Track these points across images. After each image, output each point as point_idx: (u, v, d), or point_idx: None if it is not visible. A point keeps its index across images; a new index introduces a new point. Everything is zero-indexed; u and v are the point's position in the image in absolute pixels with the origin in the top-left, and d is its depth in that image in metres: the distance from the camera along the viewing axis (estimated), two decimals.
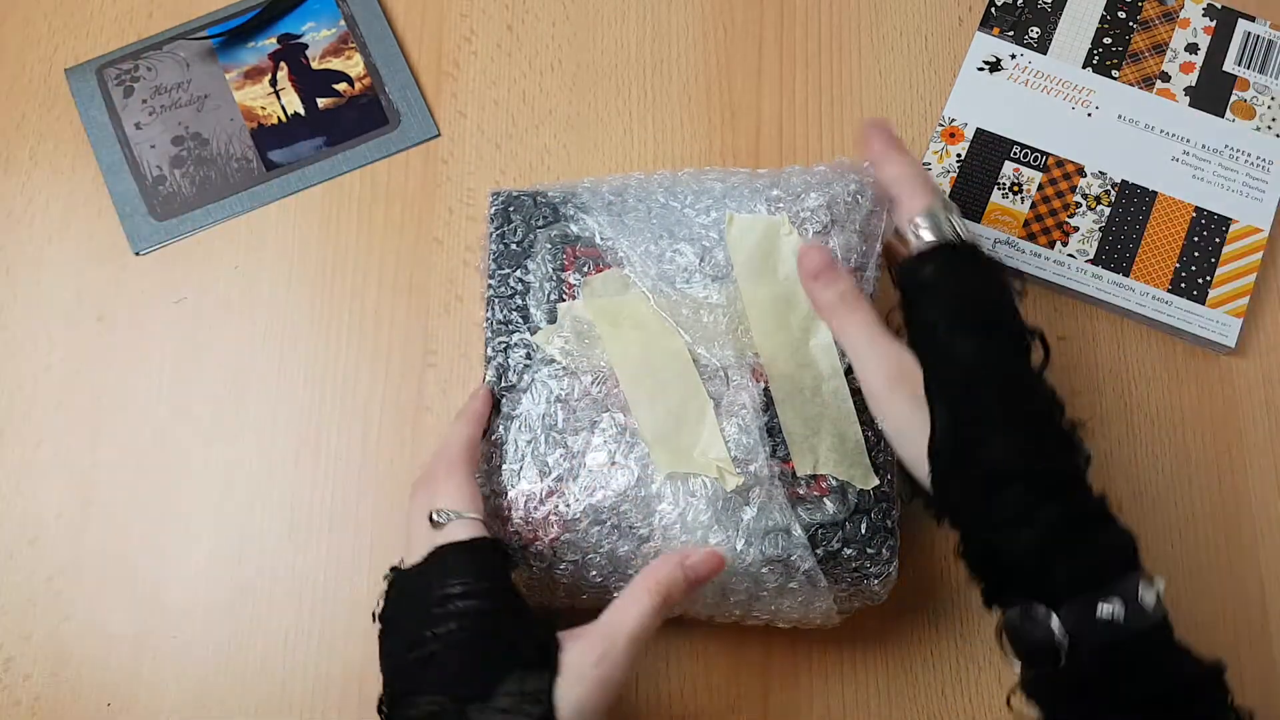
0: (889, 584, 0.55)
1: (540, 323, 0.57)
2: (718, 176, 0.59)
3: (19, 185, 0.69)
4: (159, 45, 0.72)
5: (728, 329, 0.55)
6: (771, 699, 0.60)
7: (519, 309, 0.57)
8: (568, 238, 0.58)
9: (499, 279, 0.58)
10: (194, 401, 0.65)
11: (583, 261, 0.58)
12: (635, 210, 0.58)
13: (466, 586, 0.47)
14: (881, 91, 0.72)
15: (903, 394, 0.49)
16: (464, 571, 0.48)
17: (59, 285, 0.67)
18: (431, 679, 0.46)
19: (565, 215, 0.58)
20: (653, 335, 0.56)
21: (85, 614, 0.61)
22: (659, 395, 0.54)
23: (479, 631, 0.47)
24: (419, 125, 0.71)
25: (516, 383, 0.56)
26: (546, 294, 0.57)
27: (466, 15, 0.73)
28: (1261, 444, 0.65)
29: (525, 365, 0.56)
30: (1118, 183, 0.69)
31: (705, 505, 0.53)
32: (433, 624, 0.47)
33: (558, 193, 0.59)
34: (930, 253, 0.51)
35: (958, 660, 0.61)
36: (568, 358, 0.56)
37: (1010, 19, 0.73)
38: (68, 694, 0.60)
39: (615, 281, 0.57)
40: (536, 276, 0.58)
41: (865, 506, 0.54)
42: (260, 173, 0.69)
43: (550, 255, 0.58)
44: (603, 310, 0.56)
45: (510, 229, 0.59)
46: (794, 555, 0.52)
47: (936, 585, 0.62)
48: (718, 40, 0.73)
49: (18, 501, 0.63)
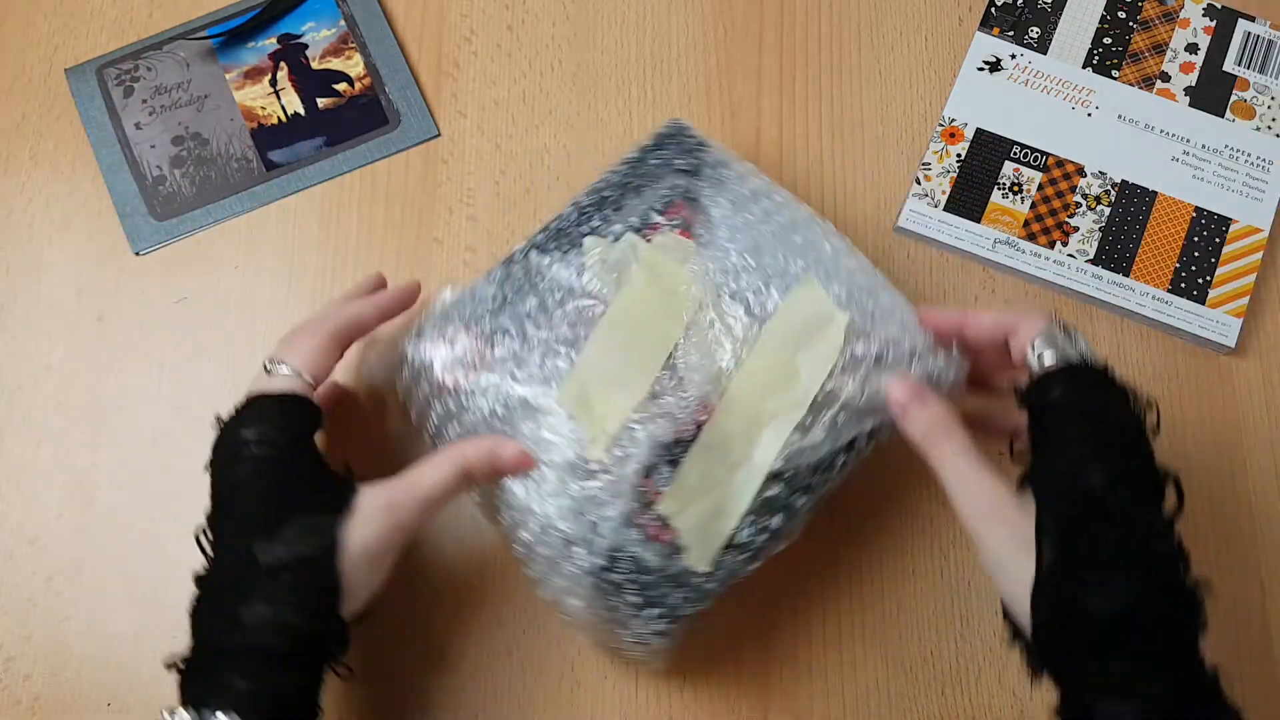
0: (641, 653, 0.54)
1: (608, 235, 0.58)
2: (841, 246, 0.58)
3: (19, 185, 0.69)
4: (159, 45, 0.72)
5: (720, 355, 0.54)
6: (771, 699, 0.60)
7: (607, 214, 0.58)
8: (688, 194, 0.59)
9: (614, 182, 0.59)
10: (194, 401, 0.65)
11: (678, 219, 0.58)
12: (754, 215, 0.58)
13: (263, 435, 0.50)
14: (881, 91, 0.72)
15: (1001, 529, 0.47)
16: (265, 421, 0.51)
17: (59, 285, 0.67)
18: (224, 520, 0.50)
19: (704, 175, 0.59)
20: (663, 308, 0.56)
21: (85, 614, 0.61)
22: (617, 351, 0.55)
23: (270, 477, 0.50)
24: (419, 125, 0.71)
25: (536, 274, 0.57)
26: (636, 219, 0.58)
27: (466, 15, 0.73)
28: (1261, 444, 0.65)
29: (556, 261, 0.57)
30: (1118, 183, 0.69)
31: (567, 447, 0.53)
32: (231, 467, 0.50)
33: (717, 156, 0.60)
34: (1057, 373, 0.48)
35: (958, 660, 0.61)
36: (589, 275, 0.56)
37: (1010, 19, 0.73)
38: (68, 694, 0.60)
39: (682, 251, 0.57)
40: (642, 200, 0.59)
41: (683, 582, 0.52)
42: (260, 173, 0.69)
43: (663, 196, 0.59)
44: (655, 264, 0.56)
45: (658, 154, 0.60)
46: (588, 548, 0.51)
47: (936, 585, 0.62)
48: (718, 40, 0.73)
49: (18, 501, 0.63)
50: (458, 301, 0.57)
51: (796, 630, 0.61)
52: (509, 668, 0.60)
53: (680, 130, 0.61)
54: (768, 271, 0.56)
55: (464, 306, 0.56)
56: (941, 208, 0.69)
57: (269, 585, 0.47)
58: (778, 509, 0.53)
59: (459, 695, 0.60)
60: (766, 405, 0.53)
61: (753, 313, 0.55)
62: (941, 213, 0.69)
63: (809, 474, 0.53)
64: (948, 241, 0.68)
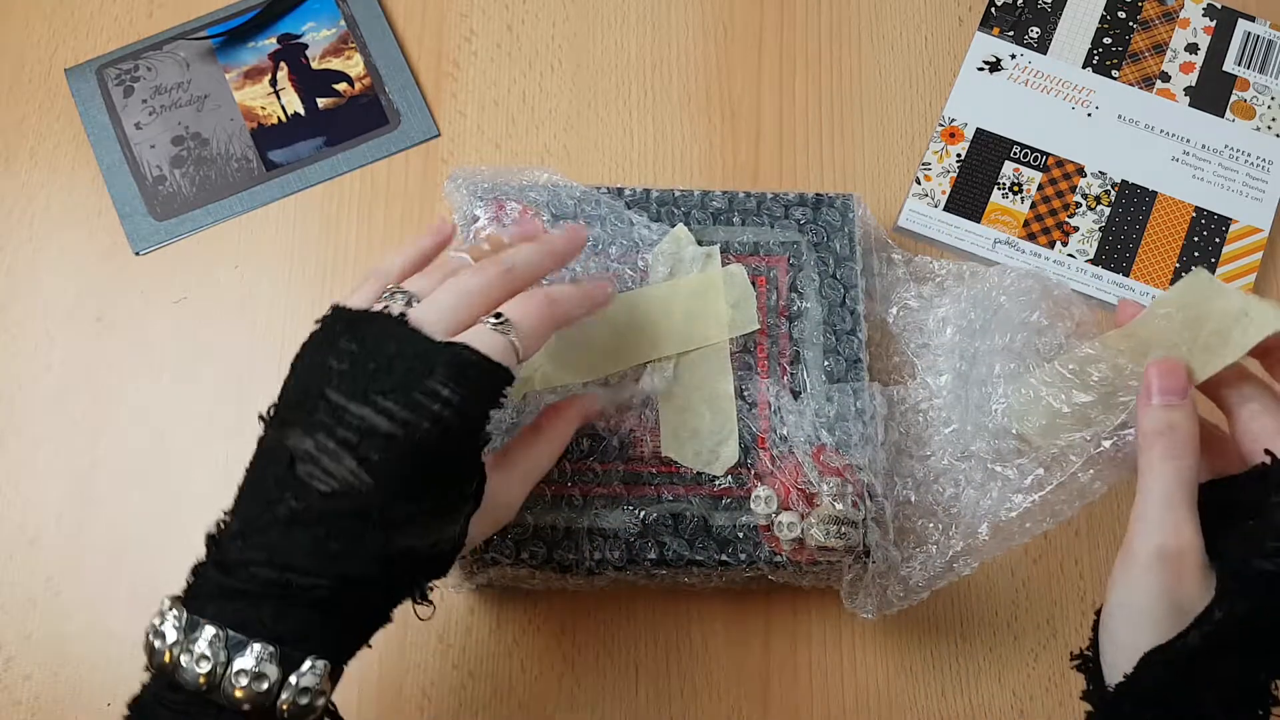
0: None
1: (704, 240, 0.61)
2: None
3: (19, 185, 0.69)
4: (159, 45, 0.72)
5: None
6: (771, 699, 0.60)
7: (719, 222, 0.62)
8: (793, 260, 0.61)
9: (748, 206, 0.62)
10: (194, 401, 0.65)
11: (766, 270, 0.61)
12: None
13: (463, 400, 0.42)
14: (881, 91, 0.72)
15: (1161, 579, 0.42)
16: (466, 385, 0.42)
17: (59, 285, 0.67)
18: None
19: (827, 249, 0.62)
20: (679, 323, 0.58)
21: (85, 614, 0.61)
22: (608, 327, 0.57)
23: (443, 446, 0.42)
24: (419, 125, 0.71)
25: (619, 218, 0.61)
26: (735, 243, 0.61)
27: (466, 15, 0.73)
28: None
29: (643, 223, 0.61)
30: (1118, 183, 0.69)
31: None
32: (414, 407, 0.41)
33: (852, 248, 0.61)
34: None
35: (958, 660, 0.61)
36: (655, 254, 0.59)
37: (1010, 19, 0.73)
38: (68, 694, 0.60)
39: (742, 292, 0.60)
40: (757, 233, 0.61)
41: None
42: (260, 173, 0.69)
43: (776, 243, 0.61)
44: (709, 284, 0.60)
45: (804, 210, 0.62)
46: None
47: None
48: (718, 40, 0.73)
49: (18, 501, 0.63)
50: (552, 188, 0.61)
51: (796, 630, 0.61)
52: (509, 667, 0.60)
53: (847, 206, 0.62)
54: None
55: (547, 193, 0.61)
56: (941, 208, 0.69)
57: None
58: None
59: (459, 694, 0.60)
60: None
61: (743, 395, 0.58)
62: (941, 213, 0.69)
63: None
64: (948, 241, 0.68)
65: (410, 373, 0.41)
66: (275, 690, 0.39)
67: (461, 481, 0.44)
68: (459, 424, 0.42)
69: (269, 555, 0.39)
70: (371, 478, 0.40)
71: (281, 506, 0.40)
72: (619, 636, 0.61)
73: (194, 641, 0.38)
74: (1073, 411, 0.51)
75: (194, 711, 0.39)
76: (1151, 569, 0.42)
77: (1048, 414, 0.52)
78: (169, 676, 0.39)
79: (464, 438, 0.43)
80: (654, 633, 0.61)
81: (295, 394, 0.43)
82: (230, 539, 0.41)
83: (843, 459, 0.55)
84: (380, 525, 0.40)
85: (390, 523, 0.41)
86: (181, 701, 0.39)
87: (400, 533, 0.41)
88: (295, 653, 0.39)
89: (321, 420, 0.41)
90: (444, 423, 0.41)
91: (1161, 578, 0.42)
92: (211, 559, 0.41)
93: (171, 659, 0.39)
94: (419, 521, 0.42)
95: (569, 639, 0.61)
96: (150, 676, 0.40)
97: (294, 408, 0.42)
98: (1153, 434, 0.45)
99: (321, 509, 0.40)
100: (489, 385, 0.43)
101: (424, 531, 0.42)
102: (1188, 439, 0.45)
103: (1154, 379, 0.46)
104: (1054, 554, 0.63)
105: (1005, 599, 0.62)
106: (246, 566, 0.39)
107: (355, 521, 0.40)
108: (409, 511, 0.41)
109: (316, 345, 0.43)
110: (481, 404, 0.43)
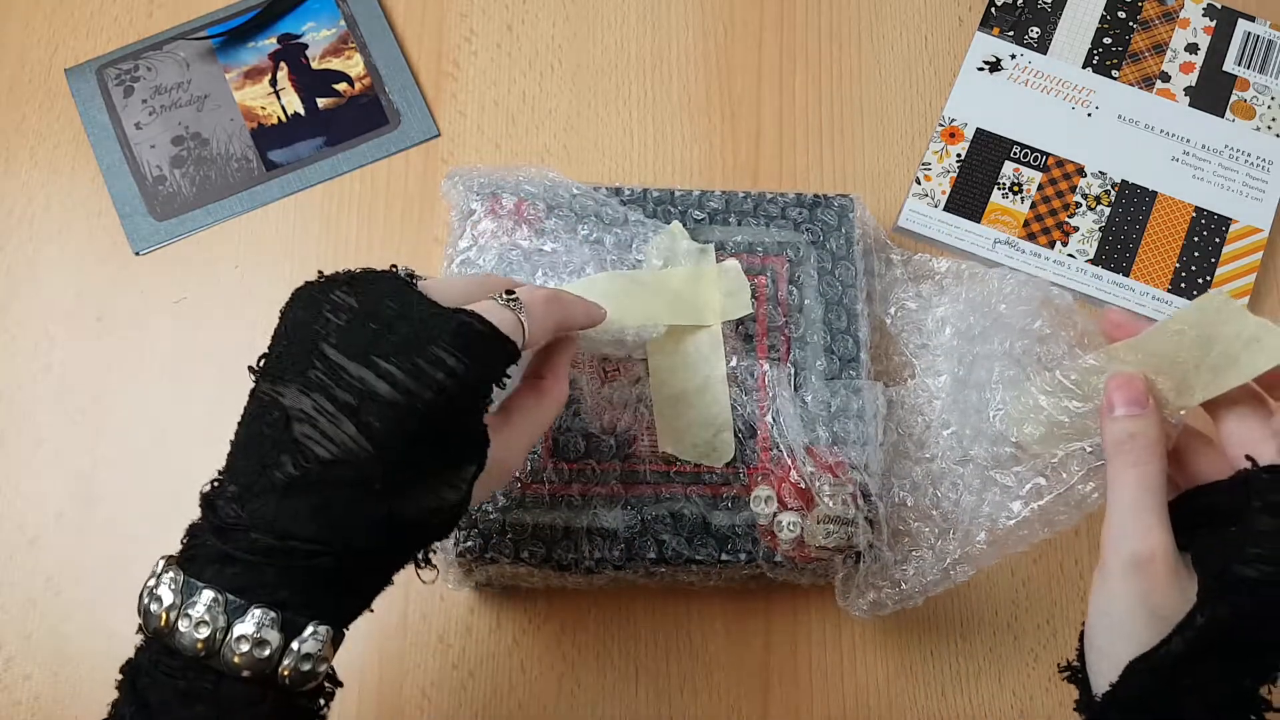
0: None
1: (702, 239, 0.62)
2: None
3: (19, 185, 0.69)
4: (159, 45, 0.72)
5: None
6: (771, 699, 0.60)
7: (716, 222, 0.63)
8: (793, 259, 0.62)
9: (745, 206, 0.63)
10: (194, 401, 0.65)
11: (762, 269, 0.61)
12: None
13: (466, 369, 0.41)
14: (881, 91, 0.72)
15: (1136, 585, 0.42)
16: (470, 353, 0.41)
17: (59, 285, 0.67)
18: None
19: (825, 248, 0.62)
20: (660, 311, 0.58)
21: (85, 614, 0.61)
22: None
23: (444, 413, 0.41)
24: (419, 125, 0.71)
25: (614, 216, 0.61)
26: (730, 242, 0.62)
27: (466, 15, 0.73)
28: None
29: (637, 219, 0.61)
30: (1118, 183, 0.69)
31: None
32: (415, 372, 0.40)
33: (852, 248, 0.62)
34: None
35: (958, 660, 0.61)
36: (649, 247, 0.60)
37: (1010, 19, 0.73)
38: (68, 694, 0.60)
39: (736, 284, 0.59)
40: (752, 233, 0.62)
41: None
42: (260, 173, 0.69)
43: (773, 242, 0.62)
44: (699, 277, 0.59)
45: (802, 210, 0.63)
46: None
47: None
48: (718, 40, 0.73)
49: (18, 501, 0.63)
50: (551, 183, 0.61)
51: (796, 630, 0.61)
52: (509, 667, 0.60)
53: (845, 207, 0.62)
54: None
55: (541, 187, 0.61)
56: (941, 208, 0.69)
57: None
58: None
59: (459, 694, 0.60)
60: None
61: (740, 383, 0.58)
62: (941, 213, 0.69)
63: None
64: (948, 241, 0.68)
65: (414, 336, 0.40)
66: (277, 657, 0.37)
67: (465, 448, 0.43)
68: (462, 395, 0.40)
69: (268, 522, 0.38)
70: (372, 445, 0.39)
71: (279, 471, 0.39)
72: (619, 636, 0.61)
73: (192, 605, 0.37)
74: (1071, 421, 0.51)
75: (191, 677, 0.37)
76: (1126, 577, 0.42)
77: (1046, 422, 0.52)
78: (165, 641, 0.38)
79: (468, 408, 0.42)
80: (653, 632, 0.61)
81: (289, 346, 0.41)
82: (227, 502, 0.39)
83: (836, 456, 0.56)
84: (382, 494, 0.39)
85: (392, 491, 0.40)
86: (178, 667, 0.37)
87: (403, 499, 0.40)
88: (298, 618, 0.38)
89: (319, 379, 0.39)
90: (447, 392, 0.40)
91: (1137, 584, 0.42)
92: (208, 522, 0.39)
93: (168, 623, 0.37)
94: (421, 488, 0.41)
95: (569, 639, 0.61)
96: (144, 640, 0.39)
97: (288, 361, 0.41)
98: (1115, 444, 0.46)
99: (321, 476, 0.38)
100: (495, 358, 0.42)
101: (427, 497, 0.41)
102: (1150, 445, 0.45)
103: (1113, 392, 0.47)
104: (1054, 554, 0.63)
105: (1005, 599, 0.62)
106: (246, 532, 0.38)
107: (356, 490, 0.39)
108: (411, 478, 0.40)
109: (310, 296, 0.42)
110: (487, 376, 0.42)
